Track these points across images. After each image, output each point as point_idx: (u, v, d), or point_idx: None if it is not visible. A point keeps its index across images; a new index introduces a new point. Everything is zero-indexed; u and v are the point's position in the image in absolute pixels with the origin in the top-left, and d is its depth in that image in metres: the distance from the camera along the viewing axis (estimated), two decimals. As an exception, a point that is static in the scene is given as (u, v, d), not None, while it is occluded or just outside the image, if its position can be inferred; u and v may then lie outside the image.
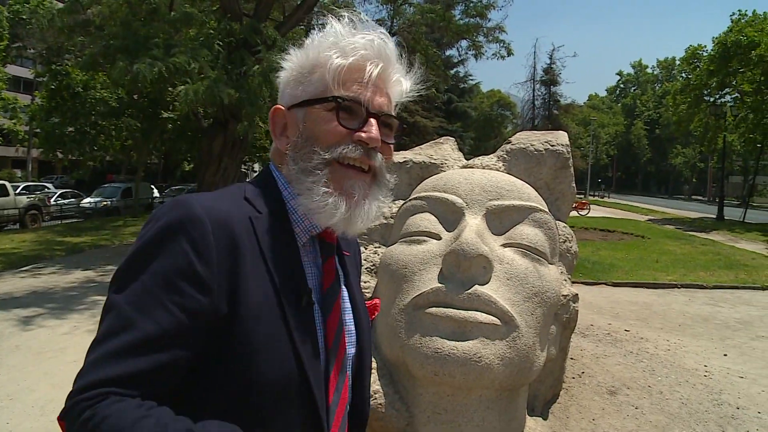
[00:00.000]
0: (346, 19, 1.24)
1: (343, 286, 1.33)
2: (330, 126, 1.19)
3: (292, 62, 1.28)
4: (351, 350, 1.29)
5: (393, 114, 1.28)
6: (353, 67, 1.19)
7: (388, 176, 1.30)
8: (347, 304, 1.32)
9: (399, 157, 4.26)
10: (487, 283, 2.94)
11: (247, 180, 1.38)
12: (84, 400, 0.92)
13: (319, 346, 1.16)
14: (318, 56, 1.22)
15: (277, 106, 1.31)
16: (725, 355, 7.09)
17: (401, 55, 1.31)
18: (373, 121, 1.20)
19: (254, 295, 1.08)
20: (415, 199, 3.52)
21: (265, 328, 1.08)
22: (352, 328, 1.31)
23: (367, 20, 1.27)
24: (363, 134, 1.19)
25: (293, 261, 1.19)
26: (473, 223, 3.13)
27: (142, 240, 1.07)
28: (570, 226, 4.28)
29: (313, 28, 22.52)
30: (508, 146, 4.22)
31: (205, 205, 1.10)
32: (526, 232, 3.25)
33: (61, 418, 0.96)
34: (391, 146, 1.29)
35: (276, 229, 1.19)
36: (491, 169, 4.02)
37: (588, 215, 30.03)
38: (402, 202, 3.72)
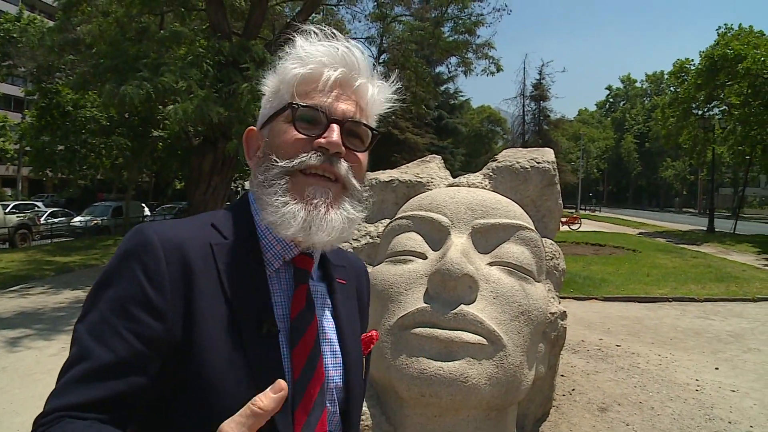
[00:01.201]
0: (312, 34, 1.20)
1: (330, 317, 1.26)
2: (288, 135, 1.15)
3: (266, 84, 1.25)
4: (336, 383, 1.22)
5: (363, 122, 1.20)
6: (311, 75, 1.15)
7: (359, 186, 1.21)
8: (330, 336, 1.24)
9: (385, 176, 4.26)
10: (473, 302, 2.92)
11: (225, 205, 1.32)
12: (41, 425, 0.93)
13: (285, 378, 1.07)
14: (281, 71, 1.20)
15: (251, 127, 1.27)
16: (717, 368, 7.07)
17: (374, 66, 1.26)
18: (335, 126, 1.14)
19: (210, 323, 1.05)
20: (401, 218, 3.51)
21: (221, 356, 1.04)
22: (339, 360, 1.23)
23: (334, 33, 1.22)
24: (322, 140, 1.13)
25: (256, 287, 1.13)
26: (459, 243, 3.12)
27: (103, 270, 1.07)
28: (560, 241, 4.28)
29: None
30: (494, 164, 4.23)
31: (160, 231, 1.09)
32: (513, 250, 3.24)
33: None
34: (361, 156, 1.21)
35: (241, 255, 1.14)
36: (477, 187, 4.02)
37: (579, 230, 30.09)
38: (388, 221, 3.71)
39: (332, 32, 1.21)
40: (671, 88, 39.19)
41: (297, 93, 1.15)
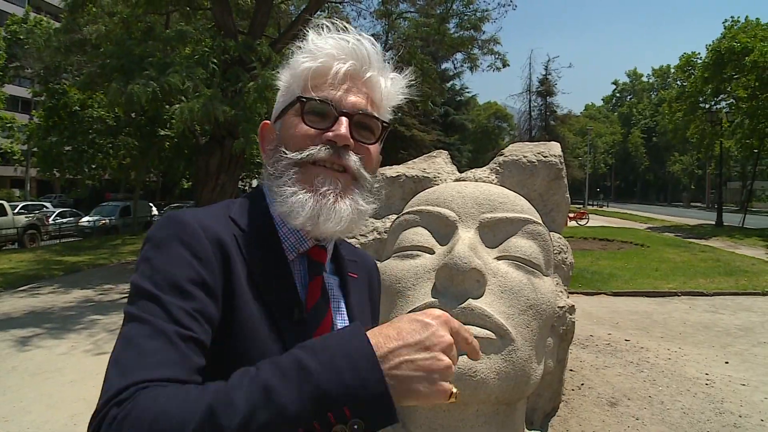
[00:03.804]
0: (324, 28, 1.21)
1: (342, 310, 1.26)
2: (298, 128, 1.16)
3: (280, 78, 1.26)
4: None
5: (374, 114, 1.19)
6: (321, 69, 1.15)
7: (370, 179, 1.21)
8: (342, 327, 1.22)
9: (392, 171, 4.26)
10: (481, 296, 2.91)
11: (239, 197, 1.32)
12: (120, 401, 0.80)
13: None
14: (292, 65, 1.21)
15: (265, 121, 1.29)
16: (727, 362, 7.05)
17: (385, 59, 1.25)
18: (343, 119, 1.14)
19: (248, 307, 1.06)
20: (408, 213, 3.50)
21: (260, 339, 1.05)
22: None
23: (345, 26, 1.22)
24: (330, 133, 1.13)
25: (283, 275, 1.14)
26: (466, 237, 3.11)
27: (141, 259, 1.03)
28: (569, 236, 4.27)
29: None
30: (500, 158, 4.21)
31: (196, 217, 1.09)
32: (520, 244, 3.23)
33: None
34: (371, 148, 1.21)
35: (262, 245, 1.15)
36: (484, 181, 4.01)
37: (587, 225, 30.04)
38: (395, 216, 3.71)
39: (344, 26, 1.21)
40: (678, 82, 39.11)
41: (308, 87, 1.15)
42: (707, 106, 32.55)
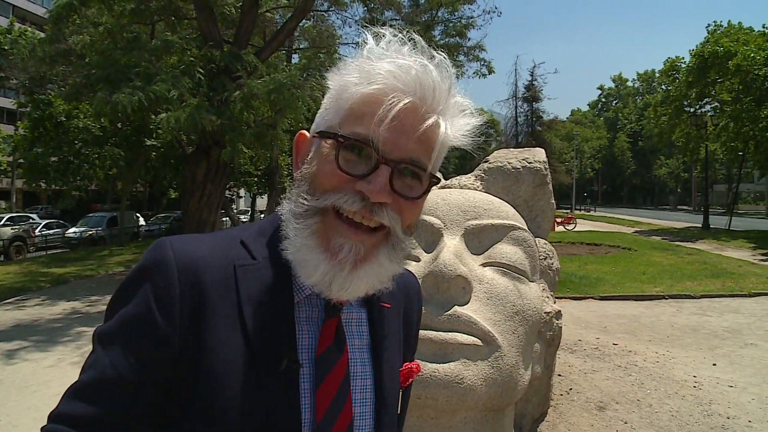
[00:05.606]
0: (388, 37, 1.00)
1: (367, 348, 1.13)
2: (328, 168, 0.97)
3: (329, 83, 1.06)
4: (367, 420, 1.09)
5: (423, 163, 0.98)
6: (372, 97, 0.94)
7: (403, 237, 1.01)
8: (364, 369, 1.10)
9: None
10: (466, 303, 2.92)
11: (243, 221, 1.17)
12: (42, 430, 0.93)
13: (302, 419, 0.98)
14: (342, 80, 1.01)
15: (302, 131, 1.11)
16: (714, 364, 7.09)
17: (452, 90, 1.02)
18: (384, 169, 0.94)
19: (222, 356, 0.95)
20: (394, 221, 3.51)
21: (231, 392, 0.94)
22: (371, 396, 1.11)
23: (414, 39, 1.01)
24: (365, 185, 0.94)
25: (279, 317, 1.00)
26: (451, 244, 3.13)
27: (122, 281, 1.02)
28: (556, 241, 4.29)
29: (294, 53, 22.75)
30: (485, 165, 4.23)
31: (179, 249, 0.99)
32: (506, 250, 3.24)
33: None
34: (417, 202, 1.01)
35: (267, 279, 1.01)
36: (469, 188, 4.03)
37: (574, 230, 30.16)
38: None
39: (411, 38, 1.02)
40: (663, 87, 39.43)
41: (351, 115, 0.97)
42: (692, 109, 32.91)
